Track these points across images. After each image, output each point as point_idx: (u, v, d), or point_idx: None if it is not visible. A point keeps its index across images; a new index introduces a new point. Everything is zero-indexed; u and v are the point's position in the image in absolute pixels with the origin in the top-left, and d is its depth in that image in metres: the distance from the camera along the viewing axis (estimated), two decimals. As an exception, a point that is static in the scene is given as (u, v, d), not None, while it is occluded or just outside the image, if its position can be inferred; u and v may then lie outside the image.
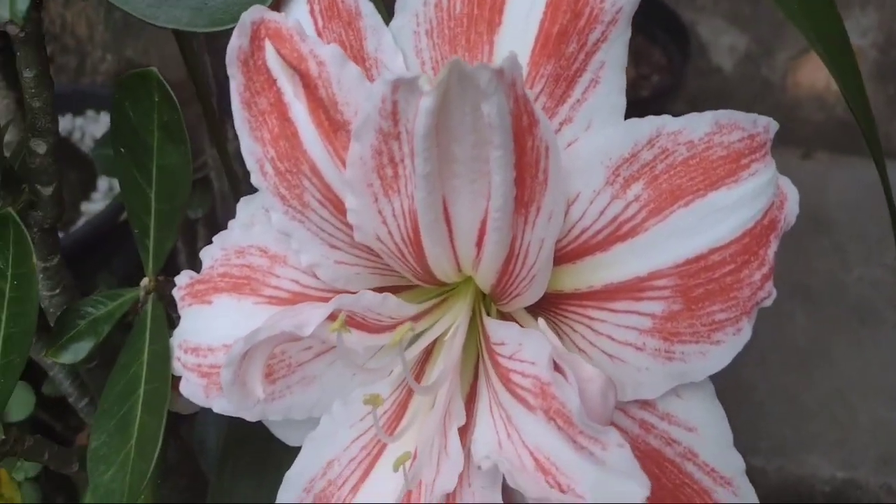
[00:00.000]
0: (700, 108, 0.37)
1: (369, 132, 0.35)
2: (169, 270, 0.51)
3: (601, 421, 0.33)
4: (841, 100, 1.66)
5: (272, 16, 0.38)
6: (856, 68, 0.47)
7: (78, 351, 0.47)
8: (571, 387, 0.33)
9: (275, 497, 0.42)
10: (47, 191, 0.50)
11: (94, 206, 1.24)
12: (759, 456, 1.28)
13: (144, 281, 0.50)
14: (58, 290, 0.52)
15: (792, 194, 0.37)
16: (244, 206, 0.46)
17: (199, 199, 0.82)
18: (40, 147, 0.50)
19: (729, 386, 0.41)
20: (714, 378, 0.38)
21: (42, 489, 0.76)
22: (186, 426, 0.68)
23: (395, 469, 0.38)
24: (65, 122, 1.27)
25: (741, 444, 0.39)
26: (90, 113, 1.24)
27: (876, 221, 1.43)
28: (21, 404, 0.64)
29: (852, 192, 1.53)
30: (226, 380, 0.38)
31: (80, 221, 1.21)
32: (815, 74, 1.70)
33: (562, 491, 0.34)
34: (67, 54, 1.73)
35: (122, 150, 0.48)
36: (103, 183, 1.27)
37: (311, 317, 0.37)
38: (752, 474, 0.39)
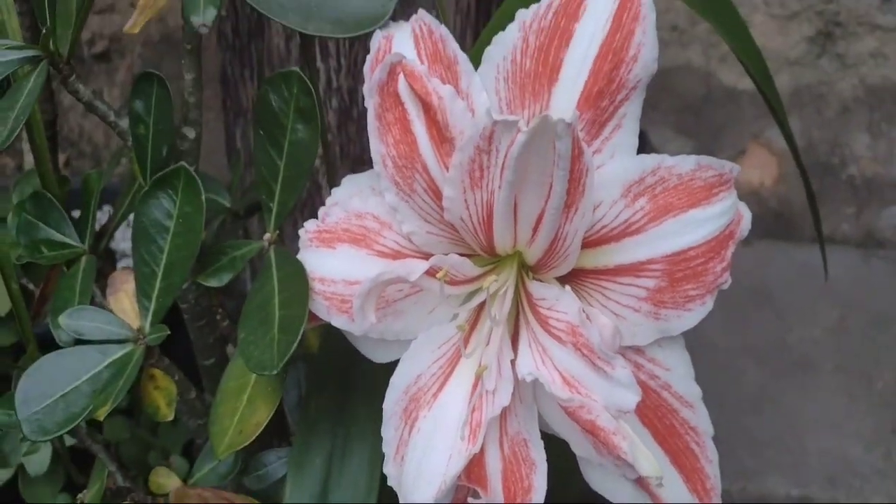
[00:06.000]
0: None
1: (470, 147, 0.49)
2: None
3: (612, 352, 0.49)
4: (774, 194, 1.84)
5: (407, 59, 0.51)
6: (755, 48, 0.69)
7: (221, 278, 0.61)
8: (594, 328, 0.48)
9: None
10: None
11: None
12: (724, 479, 1.30)
13: (267, 235, 0.60)
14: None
15: (746, 215, 0.49)
16: (349, 181, 0.59)
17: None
18: (190, 133, 0.63)
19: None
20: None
21: (65, 469, 0.87)
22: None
23: (478, 375, 0.52)
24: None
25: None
26: (106, 207, 1.19)
27: (811, 295, 1.66)
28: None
29: (788, 272, 1.72)
30: (356, 307, 0.52)
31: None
32: (750, 174, 1.89)
33: (580, 396, 0.50)
34: (83, 159, 1.91)
35: (261, 132, 0.60)
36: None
37: (415, 268, 0.51)
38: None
